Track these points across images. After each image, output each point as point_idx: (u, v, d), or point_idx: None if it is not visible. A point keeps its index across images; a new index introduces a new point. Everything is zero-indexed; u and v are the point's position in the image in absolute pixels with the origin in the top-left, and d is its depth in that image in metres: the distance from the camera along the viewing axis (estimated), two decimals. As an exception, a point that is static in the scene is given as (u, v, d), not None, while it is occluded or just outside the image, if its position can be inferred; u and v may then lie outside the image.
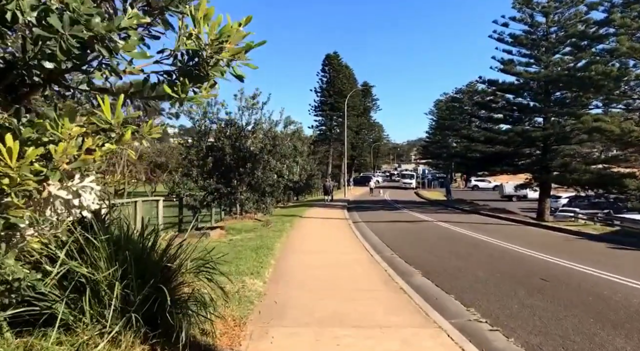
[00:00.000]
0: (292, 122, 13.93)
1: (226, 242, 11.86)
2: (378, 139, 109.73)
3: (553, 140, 30.06)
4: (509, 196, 47.57)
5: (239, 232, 14.21)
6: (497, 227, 18.20)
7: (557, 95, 29.41)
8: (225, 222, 19.12)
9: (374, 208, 29.95)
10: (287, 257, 9.65)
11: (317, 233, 14.83)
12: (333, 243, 12.24)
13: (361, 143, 78.14)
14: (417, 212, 26.47)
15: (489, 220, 21.59)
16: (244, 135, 14.12)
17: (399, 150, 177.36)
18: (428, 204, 35.92)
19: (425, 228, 17.40)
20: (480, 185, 64.07)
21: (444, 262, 10.02)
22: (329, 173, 58.17)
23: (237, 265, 8.12)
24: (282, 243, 11.72)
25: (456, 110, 77.16)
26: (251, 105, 13.99)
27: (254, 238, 12.30)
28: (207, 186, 13.50)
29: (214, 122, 14.02)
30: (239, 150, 14.07)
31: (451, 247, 12.19)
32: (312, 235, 14.04)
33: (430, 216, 23.05)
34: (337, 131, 59.08)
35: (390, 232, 15.93)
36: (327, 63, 58.78)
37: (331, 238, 13.57)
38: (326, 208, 27.96)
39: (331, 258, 9.72)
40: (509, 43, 31.28)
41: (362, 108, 69.18)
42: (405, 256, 10.66)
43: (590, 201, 36.15)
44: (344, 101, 50.48)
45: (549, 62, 29.03)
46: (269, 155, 13.65)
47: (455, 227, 17.51)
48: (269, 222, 16.64)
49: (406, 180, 71.52)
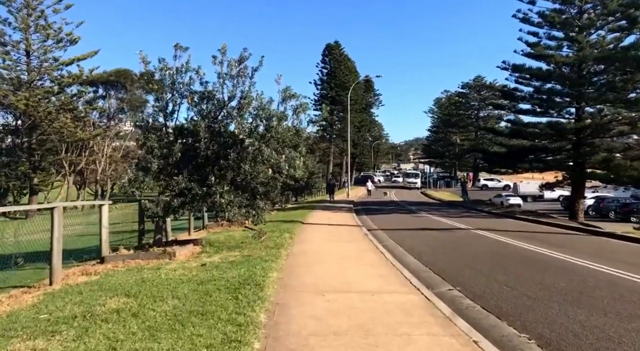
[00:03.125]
0: (292, 95, 9.85)
1: (195, 267, 7.84)
2: (378, 138, 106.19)
3: (588, 133, 26.18)
4: (524, 196, 44.01)
5: (219, 248, 10.17)
6: (554, 237, 14.23)
7: (594, 80, 25.43)
8: (207, 232, 15.10)
9: (385, 211, 25.97)
10: (288, 308, 5.62)
11: (327, 250, 10.82)
12: (355, 270, 8.22)
13: (362, 141, 74.28)
14: (438, 215, 22.48)
15: (532, 226, 17.62)
16: (227, 113, 10.09)
17: (398, 150, 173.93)
18: (445, 206, 31.96)
19: (468, 240, 13.41)
20: (490, 185, 60.31)
21: (551, 310, 6.02)
22: (330, 172, 54.20)
23: (187, 340, 4.12)
24: (279, 271, 7.70)
25: (462, 106, 73.44)
26: (237, 72, 9.95)
27: (237, 262, 8.27)
28: (174, 185, 9.52)
29: (184, 95, 9.97)
30: (219, 134, 10.02)
31: (534, 275, 8.19)
32: (322, 254, 10.04)
33: (458, 221, 19.06)
34: (338, 127, 55.04)
35: (424, 246, 11.93)
36: (328, 53, 54.62)
37: (349, 258, 9.56)
38: (330, 211, 23.97)
39: (362, 308, 5.69)
40: (535, 24, 27.40)
41: (364, 103, 65.21)
42: (478, 296, 6.66)
43: (620, 201, 32.59)
44: (345, 94, 46.55)
45: (585, 43, 25.10)
46: (261, 142, 9.62)
47: (503, 237, 13.53)
48: (262, 233, 12.62)
49: (410, 180, 67.60)
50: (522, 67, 27.05)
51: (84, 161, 38.38)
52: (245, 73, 10.04)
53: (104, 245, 8.99)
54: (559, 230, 16.28)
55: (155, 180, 9.79)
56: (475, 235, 14.47)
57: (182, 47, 10.01)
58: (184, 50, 10.02)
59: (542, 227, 17.46)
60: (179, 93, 10.14)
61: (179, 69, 10.06)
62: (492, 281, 7.67)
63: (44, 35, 31.47)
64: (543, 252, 10.84)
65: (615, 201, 32.39)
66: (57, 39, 32.29)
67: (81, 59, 34.48)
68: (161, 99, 10.07)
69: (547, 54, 25.86)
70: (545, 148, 27.23)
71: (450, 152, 76.15)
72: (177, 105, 10.32)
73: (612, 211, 31.29)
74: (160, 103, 10.21)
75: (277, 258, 8.96)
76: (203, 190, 9.60)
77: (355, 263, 8.97)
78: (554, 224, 17.91)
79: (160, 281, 6.68)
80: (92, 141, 37.75)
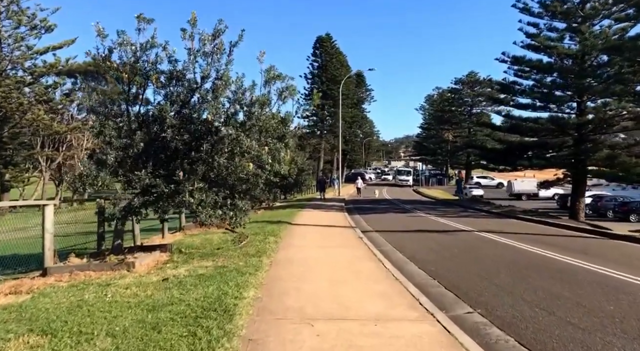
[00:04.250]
0: (277, 76, 8.34)
1: (154, 283, 6.33)
2: (369, 134, 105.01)
3: (590, 128, 25.03)
4: (518, 194, 43.10)
5: (190, 257, 8.66)
6: (570, 242, 12.93)
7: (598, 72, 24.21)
8: (183, 234, 13.55)
9: (379, 210, 24.58)
10: (263, 348, 4.14)
11: (317, 257, 9.35)
12: (351, 286, 6.77)
13: (353, 138, 72.90)
14: (435, 215, 21.14)
15: (539, 228, 16.34)
16: (200, 97, 8.55)
17: (389, 147, 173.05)
18: (440, 204, 30.67)
19: (475, 244, 12.02)
20: (483, 183, 59.29)
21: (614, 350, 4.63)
22: (320, 169, 52.74)
23: None
24: (257, 288, 6.22)
25: (455, 102, 72.30)
26: (211, 48, 8.41)
27: (207, 276, 6.77)
28: (136, 181, 7.97)
29: (147, 74, 8.39)
30: (190, 121, 8.49)
31: (568, 292, 6.81)
32: (311, 264, 8.57)
33: (458, 222, 17.72)
34: (329, 122, 53.48)
35: (426, 251, 10.53)
36: (319, 46, 52.96)
37: (343, 269, 8.11)
38: (321, 210, 22.53)
39: (364, 346, 4.23)
40: (535, 14, 26.15)
41: (355, 98, 63.75)
42: (507, 323, 5.24)
43: (618, 200, 31.66)
44: (337, 88, 45.11)
45: (589, 34, 23.87)
46: (240, 132, 8.11)
47: (513, 241, 12.20)
48: (243, 236, 11.13)
49: (402, 177, 66.36)
50: (523, 59, 25.80)
51: (61, 156, 36.38)
52: (221, 49, 8.49)
53: (47, 254, 7.42)
54: (569, 232, 14.99)
55: (112, 176, 8.22)
56: (481, 238, 13.09)
57: (146, 19, 8.41)
58: (149, 23, 8.44)
59: (550, 228, 16.19)
60: (144, 74, 8.56)
61: (143, 45, 8.48)
62: (518, 300, 6.26)
63: (16, 21, 29.45)
64: (566, 260, 9.47)
65: (613, 200, 31.45)
66: (30, 25, 30.29)
67: (57, 47, 32.52)
68: (121, 80, 8.49)
69: (549, 45, 24.62)
70: (545, 145, 26.03)
71: (442, 149, 75.07)
72: (141, 87, 8.75)
73: (610, 210, 30.33)
74: (120, 85, 8.65)
75: (258, 269, 7.47)
76: (170, 187, 8.05)
77: (350, 275, 7.50)
78: (562, 225, 16.65)
79: (101, 305, 5.16)
80: (70, 135, 35.75)
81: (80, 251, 9.45)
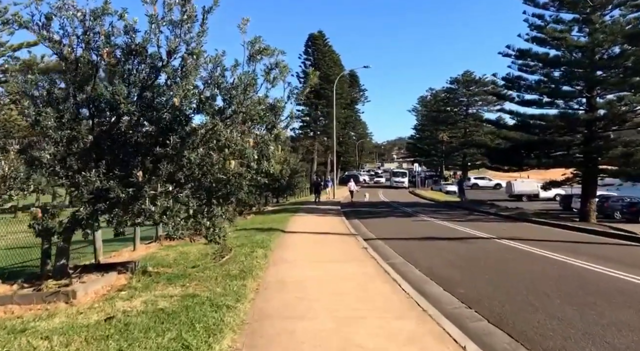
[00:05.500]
0: (264, 49, 6.52)
1: (91, 326, 4.49)
2: (363, 136, 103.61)
3: (601, 125, 23.53)
4: (519, 195, 41.66)
5: (155, 279, 6.81)
6: (606, 250, 11.26)
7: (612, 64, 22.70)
8: (160, 244, 11.67)
9: (379, 214, 22.82)
10: None
11: (316, 278, 7.54)
12: (365, 324, 4.97)
13: (347, 139, 71.27)
14: (441, 219, 19.40)
15: (563, 233, 14.67)
16: (167, 78, 6.73)
17: (382, 149, 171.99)
18: (442, 207, 28.97)
19: (499, 255, 10.27)
20: (480, 184, 57.92)
21: None
22: (314, 171, 50.96)
23: None
24: (235, 333, 4.40)
25: (451, 102, 70.89)
26: (180, 16, 6.60)
27: (169, 313, 4.93)
28: (83, 184, 6.15)
29: (95, 48, 6.56)
30: (153, 108, 6.66)
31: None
32: (309, 288, 6.75)
33: (470, 227, 15.98)
34: (322, 122, 51.69)
35: (446, 266, 8.77)
36: (312, 44, 51.18)
37: (350, 295, 6.30)
38: (316, 215, 20.73)
39: None
40: (540, 5, 24.64)
41: (349, 99, 62.07)
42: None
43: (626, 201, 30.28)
44: (330, 88, 43.36)
45: (600, 24, 22.39)
46: (218, 120, 6.31)
47: (541, 250, 10.47)
48: (225, 250, 9.28)
49: (398, 179, 64.54)
50: (529, 52, 24.23)
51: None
52: (192, 17, 6.68)
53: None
54: (598, 238, 13.32)
55: (51, 177, 6.36)
56: (505, 247, 11.33)
57: (96, -22, 6.62)
58: (100, -17, 6.64)
59: (574, 233, 14.53)
60: (94, 48, 6.72)
61: (95, 12, 6.65)
62: (604, 346, 4.50)
63: (-14, 15, 27.34)
64: (627, 277, 7.73)
65: (621, 200, 30.09)
66: (2, 20, 28.19)
67: (33, 44, 30.41)
68: (63, 57, 6.65)
69: (556, 36, 23.05)
70: (553, 143, 24.43)
71: (437, 150, 73.60)
72: (92, 67, 6.91)
73: (617, 211, 28.95)
74: (64, 63, 6.80)
75: (239, 298, 5.65)
76: (127, 191, 6.22)
77: (361, 305, 5.70)
78: (585, 229, 15.03)
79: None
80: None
81: (19, 271, 7.59)
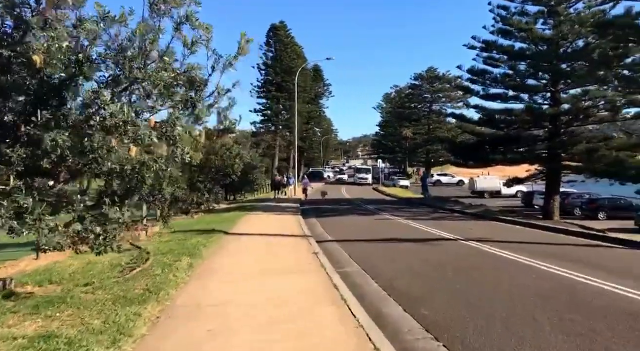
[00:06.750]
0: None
1: None
2: (328, 133, 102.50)
3: (566, 120, 23.03)
4: (481, 192, 41.44)
5: (18, 304, 4.93)
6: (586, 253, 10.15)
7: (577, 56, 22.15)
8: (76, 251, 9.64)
9: (340, 212, 21.34)
10: None
11: (244, 301, 5.86)
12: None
13: (312, 135, 69.66)
14: (404, 217, 18.09)
15: (531, 233, 13.65)
16: (24, 25, 4.85)
17: (347, 146, 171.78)
18: (405, 204, 27.86)
19: (470, 261, 8.90)
20: (443, 180, 57.80)
21: None
22: (275, 167, 49.06)
23: None
24: None
25: (415, 99, 70.61)
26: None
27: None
28: None
29: None
30: (8, 71, 4.74)
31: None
32: (232, 319, 5.08)
33: (435, 226, 14.69)
34: (284, 117, 49.78)
35: (409, 276, 7.29)
36: (273, 35, 49.09)
37: (282, 331, 4.67)
38: (273, 213, 19.02)
39: None
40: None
41: (313, 93, 60.40)
42: None
43: (585, 197, 30.34)
44: (292, 80, 41.59)
45: (566, 16, 21.82)
46: (104, 88, 4.45)
47: (516, 255, 9.21)
48: (142, 257, 7.47)
49: (362, 176, 63.53)
50: (494, 44, 23.43)
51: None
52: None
53: None
54: (573, 239, 12.30)
55: None
56: (475, 251, 10.00)
57: None
58: None
59: (544, 233, 13.52)
60: None
61: None
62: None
63: None
64: (619, 290, 6.45)
65: (581, 197, 30.06)
66: None
67: None
68: None
69: (523, 27, 22.30)
70: (519, 138, 23.76)
71: (401, 147, 73.25)
72: None
73: (577, 208, 28.86)
74: None
75: (118, 339, 3.90)
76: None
77: (298, 345, 4.06)
78: (554, 229, 14.06)
79: None
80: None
81: None
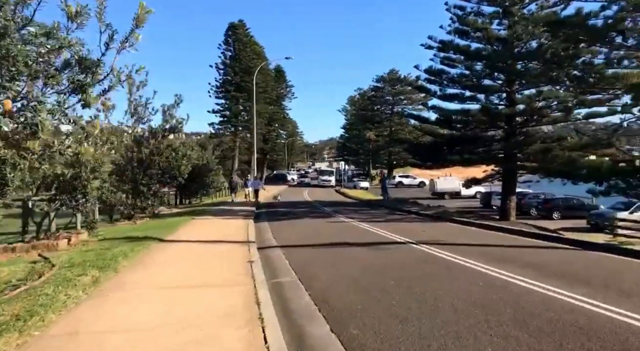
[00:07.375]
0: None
1: None
2: (293, 135, 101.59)
3: (520, 121, 23.20)
4: (441, 193, 41.83)
5: None
6: (541, 258, 9.74)
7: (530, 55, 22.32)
8: None
9: (294, 215, 20.52)
10: None
11: (143, 323, 4.95)
12: None
13: (275, 137, 68.60)
14: (360, 219, 17.48)
15: (487, 235, 13.26)
16: None
17: (313, 148, 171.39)
18: (364, 206, 27.37)
19: (418, 269, 8.25)
20: (405, 182, 58.15)
21: None
22: (235, 169, 47.73)
23: None
24: None
25: (378, 101, 70.87)
26: None
27: None
28: None
29: None
30: None
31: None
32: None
33: (387, 228, 14.12)
34: (244, 117, 48.51)
35: (346, 286, 6.56)
36: (232, 34, 47.79)
37: None
38: (223, 217, 17.96)
39: None
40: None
41: (274, 94, 59.37)
42: None
43: (540, 197, 30.95)
44: (252, 80, 40.50)
45: (520, 16, 22.01)
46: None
47: (471, 261, 8.68)
48: (43, 269, 6.38)
49: (324, 178, 63.03)
50: (451, 44, 23.32)
51: None
52: None
53: None
54: (529, 241, 11.91)
55: None
56: (427, 256, 9.38)
57: None
58: None
59: (499, 235, 13.16)
60: None
61: None
62: None
63: None
64: (582, 304, 5.89)
65: (536, 197, 30.59)
66: None
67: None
68: None
69: (478, 26, 22.30)
70: (476, 138, 23.74)
71: (364, 149, 73.42)
72: None
73: (533, 208, 29.33)
74: None
75: None
76: None
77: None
78: (509, 230, 13.75)
79: None
80: None
81: None
